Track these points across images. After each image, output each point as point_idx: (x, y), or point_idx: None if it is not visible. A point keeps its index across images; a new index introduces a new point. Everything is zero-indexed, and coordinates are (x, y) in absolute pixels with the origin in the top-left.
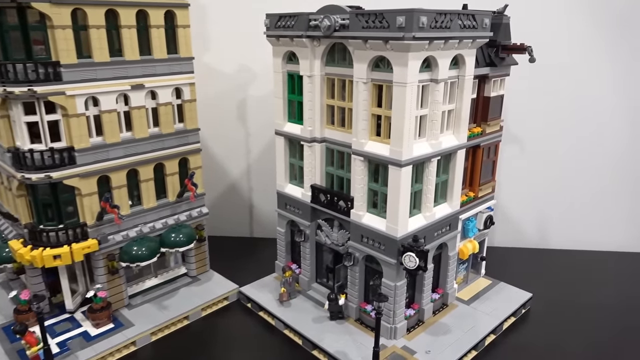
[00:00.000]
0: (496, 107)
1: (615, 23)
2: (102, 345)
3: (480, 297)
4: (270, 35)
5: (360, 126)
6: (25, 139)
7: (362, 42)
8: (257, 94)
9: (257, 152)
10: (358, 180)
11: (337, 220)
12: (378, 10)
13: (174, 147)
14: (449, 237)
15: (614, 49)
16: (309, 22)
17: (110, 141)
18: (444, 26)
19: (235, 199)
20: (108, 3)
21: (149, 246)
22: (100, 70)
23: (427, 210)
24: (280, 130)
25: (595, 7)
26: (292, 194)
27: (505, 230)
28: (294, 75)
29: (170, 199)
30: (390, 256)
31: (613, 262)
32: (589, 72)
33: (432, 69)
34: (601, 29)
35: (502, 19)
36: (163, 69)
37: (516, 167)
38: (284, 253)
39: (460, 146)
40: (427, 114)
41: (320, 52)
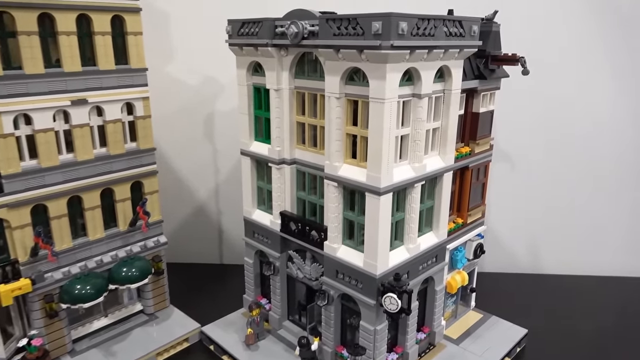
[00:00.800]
0: (486, 123)
1: (616, 25)
2: None
3: (471, 335)
4: (233, 43)
5: (334, 147)
6: None
7: (334, 51)
8: (225, 108)
9: (226, 172)
10: (332, 209)
11: (309, 252)
12: (351, 15)
13: (124, 170)
14: (435, 270)
15: (613, 58)
16: (275, 29)
17: (46, 165)
18: (427, 33)
19: (203, 223)
20: (41, 6)
21: (94, 284)
22: (33, 83)
23: (410, 241)
24: (245, 150)
25: (594, 9)
26: (260, 221)
27: (495, 254)
28: (261, 89)
29: (121, 229)
30: (369, 296)
31: (610, 288)
32: (585, 85)
33: (414, 83)
34: (600, 34)
35: (491, 27)
36: (110, 82)
37: (505, 187)
38: (252, 286)
39: (447, 168)
40: (409, 133)
41: (289, 62)
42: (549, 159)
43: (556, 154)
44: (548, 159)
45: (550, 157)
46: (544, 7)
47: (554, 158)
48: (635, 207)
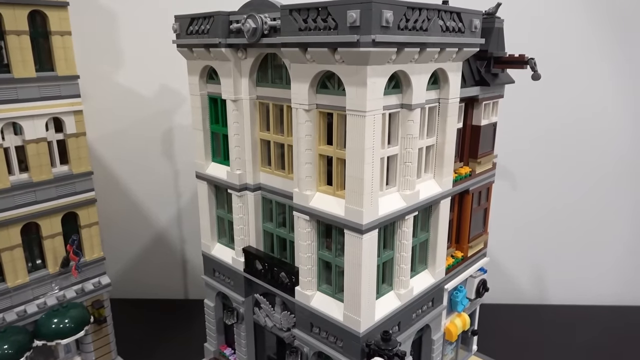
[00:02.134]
0: (488, 138)
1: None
2: None
3: None
4: (182, 45)
5: (304, 172)
6: None
7: (300, 51)
8: (186, 122)
9: (189, 194)
10: (303, 247)
11: (279, 297)
12: (320, 4)
13: (53, 200)
14: (432, 316)
15: (620, 65)
16: (230, 25)
17: None
18: (419, 27)
19: (164, 252)
20: None
21: (13, 341)
22: None
23: (401, 285)
24: (201, 173)
25: (596, 10)
26: (221, 258)
27: (497, 284)
28: (217, 99)
29: (50, 271)
30: (352, 358)
31: (621, 318)
32: (590, 96)
33: (403, 90)
34: (602, 40)
35: (494, 22)
36: (30, 93)
37: (505, 209)
38: (214, 334)
39: (444, 194)
40: (397, 153)
41: (248, 66)
42: (556, 179)
43: (559, 170)
44: (554, 179)
45: (556, 177)
46: (543, 13)
47: (557, 175)
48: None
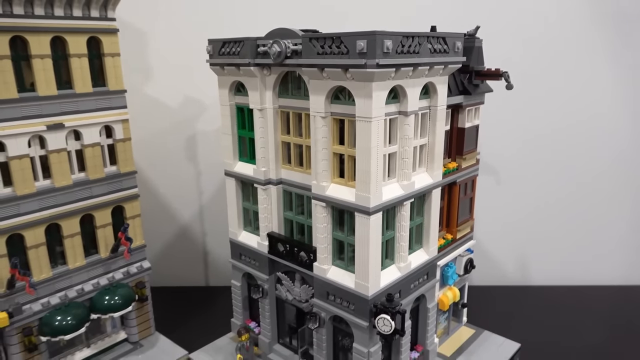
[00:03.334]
0: (471, 138)
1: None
2: None
3: (464, 352)
4: (214, 63)
5: (320, 167)
6: None
7: (318, 70)
8: (207, 129)
9: (210, 193)
10: (320, 229)
11: (299, 274)
12: (335, 34)
13: (105, 195)
14: (427, 287)
15: (603, 64)
16: (257, 48)
17: (21, 192)
18: (412, 51)
19: (188, 245)
20: (13, 29)
21: (75, 314)
22: (6, 109)
23: (401, 260)
24: (230, 170)
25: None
26: (247, 243)
27: (484, 268)
28: (244, 109)
29: (102, 255)
30: (362, 318)
31: (598, 297)
32: (569, 94)
33: (400, 100)
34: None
35: (474, 42)
36: (88, 105)
37: (491, 200)
38: (240, 310)
39: (435, 185)
40: (396, 151)
41: (272, 81)
42: (533, 171)
43: (540, 164)
44: (532, 170)
45: (534, 169)
46: (532, 14)
47: (538, 170)
48: (622, 217)
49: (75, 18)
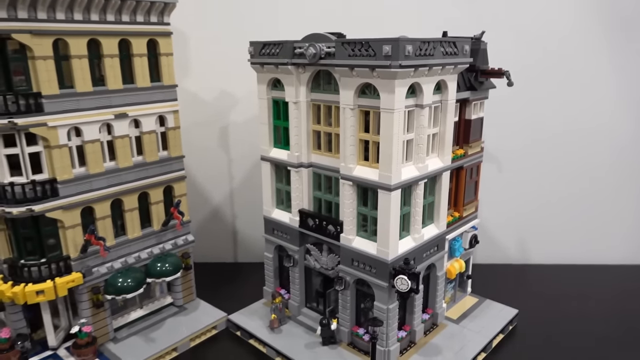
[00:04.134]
0: (477, 129)
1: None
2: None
3: (468, 316)
4: (255, 62)
5: (348, 151)
6: (5, 172)
7: (349, 69)
8: (238, 120)
9: (240, 178)
10: (347, 205)
11: (326, 245)
12: (364, 39)
13: (158, 176)
14: (437, 257)
15: (595, 53)
16: (294, 50)
17: (93, 172)
18: (428, 53)
19: (219, 225)
20: (90, 33)
21: (134, 277)
22: (83, 100)
23: (415, 232)
24: (266, 156)
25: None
26: (280, 219)
27: (487, 247)
28: (279, 102)
29: (155, 228)
30: (382, 279)
31: (594, 275)
32: (565, 87)
33: (417, 95)
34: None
35: (479, 45)
36: (146, 97)
37: (494, 185)
38: (272, 278)
39: (445, 168)
40: (413, 138)
41: (306, 78)
42: (532, 161)
43: (539, 155)
44: (531, 160)
45: (532, 159)
46: (534, 17)
47: (537, 159)
48: (616, 200)
49: (138, 23)
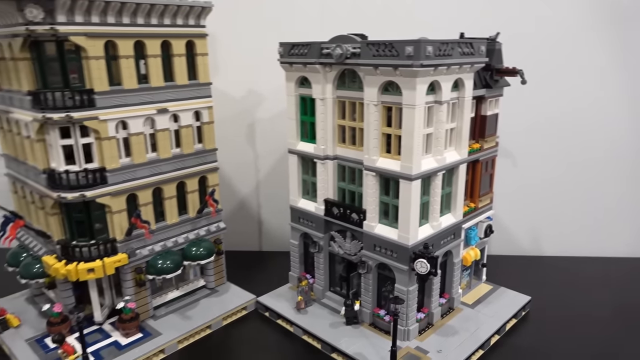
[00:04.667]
0: (492, 124)
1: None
2: (134, 354)
3: (483, 301)
4: (284, 62)
5: (372, 144)
6: (61, 161)
7: (373, 68)
8: (264, 116)
9: (265, 171)
10: (370, 194)
11: (349, 232)
12: (387, 41)
13: (193, 167)
14: (453, 245)
15: (604, 52)
16: (321, 50)
17: (137, 162)
18: (447, 54)
19: (245, 215)
20: (136, 35)
21: (173, 259)
22: (129, 96)
23: (434, 220)
24: (293, 149)
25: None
26: (306, 208)
27: (502, 239)
28: (306, 98)
29: (190, 215)
30: (403, 263)
31: (605, 267)
32: (574, 78)
33: (436, 92)
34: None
35: (495, 45)
36: (184, 94)
37: (509, 179)
38: (297, 264)
39: (462, 161)
40: (432, 132)
41: (332, 77)
42: (546, 157)
43: (552, 151)
44: (545, 156)
45: (546, 155)
46: (546, 20)
47: (550, 156)
48: (622, 197)
49: (178, 26)
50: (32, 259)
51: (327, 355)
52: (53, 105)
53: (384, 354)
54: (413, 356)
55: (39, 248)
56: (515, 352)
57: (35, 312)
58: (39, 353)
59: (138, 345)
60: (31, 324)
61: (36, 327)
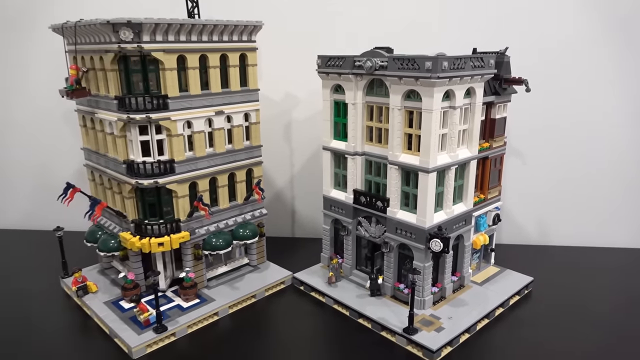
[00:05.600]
0: (500, 126)
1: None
2: (194, 314)
3: (490, 280)
4: (321, 71)
5: (395, 142)
6: (139, 154)
7: (398, 79)
8: (300, 118)
9: (299, 166)
10: (393, 184)
11: (374, 217)
12: (410, 56)
13: (242, 160)
14: (464, 230)
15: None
16: (354, 63)
17: (198, 155)
18: (460, 67)
19: (280, 205)
20: (201, 50)
21: (225, 239)
22: (194, 100)
23: (447, 207)
24: (327, 146)
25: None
26: (337, 197)
27: (510, 229)
28: (340, 103)
29: (238, 202)
30: (420, 243)
31: (608, 256)
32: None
33: (451, 99)
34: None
35: (504, 58)
36: (237, 99)
37: (518, 175)
38: (328, 246)
39: (472, 157)
40: (447, 132)
41: (362, 85)
42: (553, 156)
43: (558, 152)
44: (552, 156)
45: (553, 155)
46: (551, 34)
47: (556, 155)
48: (624, 193)
49: (234, 42)
50: (108, 235)
51: (355, 320)
52: (136, 108)
53: (403, 319)
54: (427, 321)
55: (113, 227)
56: (516, 323)
57: (107, 281)
58: (116, 312)
59: (196, 308)
60: (106, 290)
61: (110, 293)
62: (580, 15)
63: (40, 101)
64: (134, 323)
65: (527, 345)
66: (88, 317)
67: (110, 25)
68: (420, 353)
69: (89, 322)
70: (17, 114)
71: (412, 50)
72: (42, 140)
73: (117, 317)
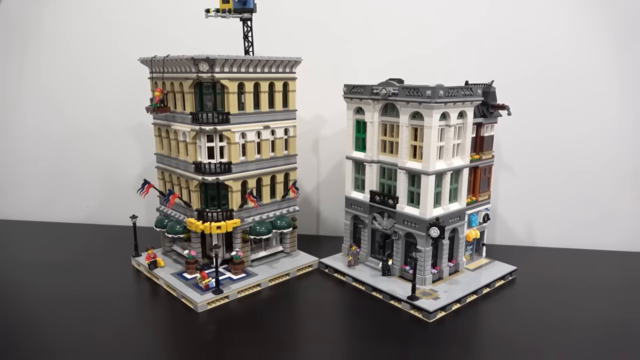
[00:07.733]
0: (489, 142)
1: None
2: (241, 284)
3: (481, 268)
4: (347, 96)
5: (404, 152)
6: (205, 157)
7: (406, 103)
8: (327, 134)
9: (324, 175)
10: (401, 185)
11: (386, 212)
12: (415, 86)
13: (281, 165)
14: (459, 224)
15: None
16: (372, 91)
17: (249, 159)
18: (453, 95)
19: (308, 207)
20: (255, 79)
21: (266, 227)
22: (248, 116)
23: (444, 205)
24: (350, 156)
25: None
26: (356, 197)
27: (500, 231)
28: (360, 121)
29: (277, 199)
30: (422, 231)
31: (596, 257)
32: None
33: (447, 119)
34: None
35: (490, 88)
36: (280, 117)
37: (508, 183)
38: (348, 238)
39: (464, 166)
40: (443, 145)
41: (379, 107)
42: (540, 167)
43: (544, 156)
44: (539, 162)
45: (540, 166)
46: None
47: (543, 167)
48: (606, 196)
49: (279, 72)
50: (174, 222)
51: (369, 293)
52: (206, 121)
53: (408, 291)
54: (427, 293)
55: (179, 216)
56: (499, 299)
57: (170, 260)
58: (182, 280)
59: (243, 280)
60: (171, 266)
61: (174, 268)
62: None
63: (111, 114)
64: (197, 288)
65: (506, 315)
66: (157, 285)
67: (192, 60)
68: (420, 315)
69: (158, 288)
70: (90, 126)
71: (417, 80)
72: (109, 148)
73: (183, 283)
